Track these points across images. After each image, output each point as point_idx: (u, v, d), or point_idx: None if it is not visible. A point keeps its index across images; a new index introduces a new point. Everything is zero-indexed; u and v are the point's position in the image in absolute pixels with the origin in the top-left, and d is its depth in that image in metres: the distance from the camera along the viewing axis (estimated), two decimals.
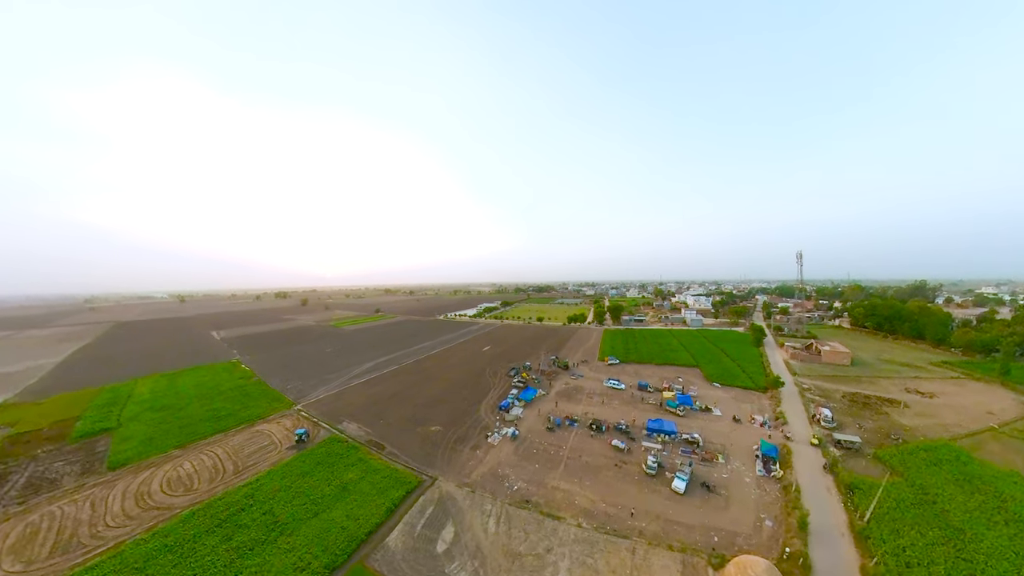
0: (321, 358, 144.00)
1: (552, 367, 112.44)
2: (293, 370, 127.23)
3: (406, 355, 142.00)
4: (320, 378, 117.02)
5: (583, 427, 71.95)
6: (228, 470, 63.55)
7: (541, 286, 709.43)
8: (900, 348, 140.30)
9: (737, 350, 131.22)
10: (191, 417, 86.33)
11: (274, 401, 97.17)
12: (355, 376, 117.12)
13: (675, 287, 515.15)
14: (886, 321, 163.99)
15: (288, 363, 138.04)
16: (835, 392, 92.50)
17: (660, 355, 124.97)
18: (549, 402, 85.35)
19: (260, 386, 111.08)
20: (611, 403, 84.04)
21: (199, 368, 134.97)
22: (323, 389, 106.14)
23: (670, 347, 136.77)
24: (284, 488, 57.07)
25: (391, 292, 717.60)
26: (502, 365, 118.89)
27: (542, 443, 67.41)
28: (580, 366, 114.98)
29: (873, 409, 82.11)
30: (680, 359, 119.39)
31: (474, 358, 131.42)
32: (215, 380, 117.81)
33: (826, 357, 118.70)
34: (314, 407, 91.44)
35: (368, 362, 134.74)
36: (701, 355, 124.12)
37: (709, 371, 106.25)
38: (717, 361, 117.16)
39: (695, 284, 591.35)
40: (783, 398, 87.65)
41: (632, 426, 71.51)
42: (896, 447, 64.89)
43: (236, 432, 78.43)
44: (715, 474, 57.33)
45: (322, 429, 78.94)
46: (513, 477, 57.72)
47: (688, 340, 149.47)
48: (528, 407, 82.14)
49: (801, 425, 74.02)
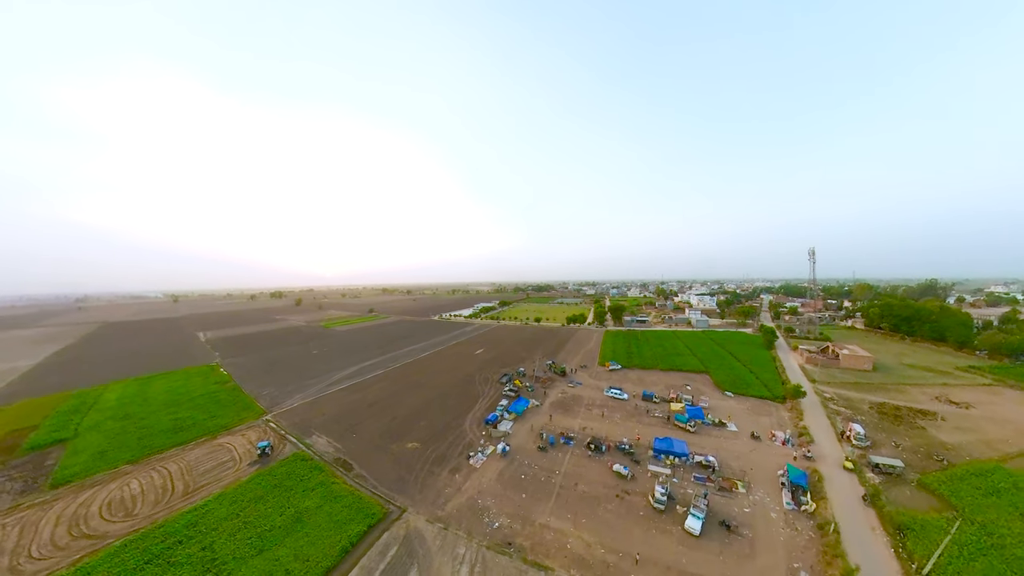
0: (304, 361, 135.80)
1: (548, 373, 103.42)
2: (272, 374, 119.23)
3: (394, 358, 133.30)
4: (299, 384, 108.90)
5: (580, 446, 62.85)
6: (177, 491, 56.39)
7: (541, 285, 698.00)
8: (921, 351, 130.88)
9: (747, 353, 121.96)
10: (152, 427, 79.35)
11: (244, 410, 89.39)
12: (335, 382, 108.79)
13: (677, 286, 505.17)
14: (904, 322, 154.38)
15: (269, 367, 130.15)
16: (861, 402, 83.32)
17: (665, 359, 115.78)
18: (542, 415, 76.23)
19: (234, 393, 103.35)
20: (612, 416, 74.90)
21: (175, 372, 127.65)
22: (299, 396, 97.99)
23: (675, 350, 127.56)
24: (232, 516, 49.66)
25: (388, 292, 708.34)
26: (494, 370, 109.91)
27: (532, 466, 58.39)
28: (578, 372, 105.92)
29: (906, 423, 73.06)
30: (687, 364, 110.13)
31: (465, 362, 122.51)
32: (188, 385, 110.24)
33: (845, 362, 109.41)
34: (286, 417, 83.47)
35: (352, 366, 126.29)
36: (709, 359, 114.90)
37: (720, 378, 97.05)
38: (727, 366, 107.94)
39: (697, 283, 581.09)
40: (804, 410, 78.51)
41: (636, 445, 62.37)
42: (943, 472, 55.85)
43: (196, 445, 71.34)
44: (735, 508, 48.25)
45: (288, 443, 70.91)
46: (495, 510, 48.76)
47: (694, 343, 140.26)
48: (519, 421, 73.06)
49: (829, 444, 64.87)
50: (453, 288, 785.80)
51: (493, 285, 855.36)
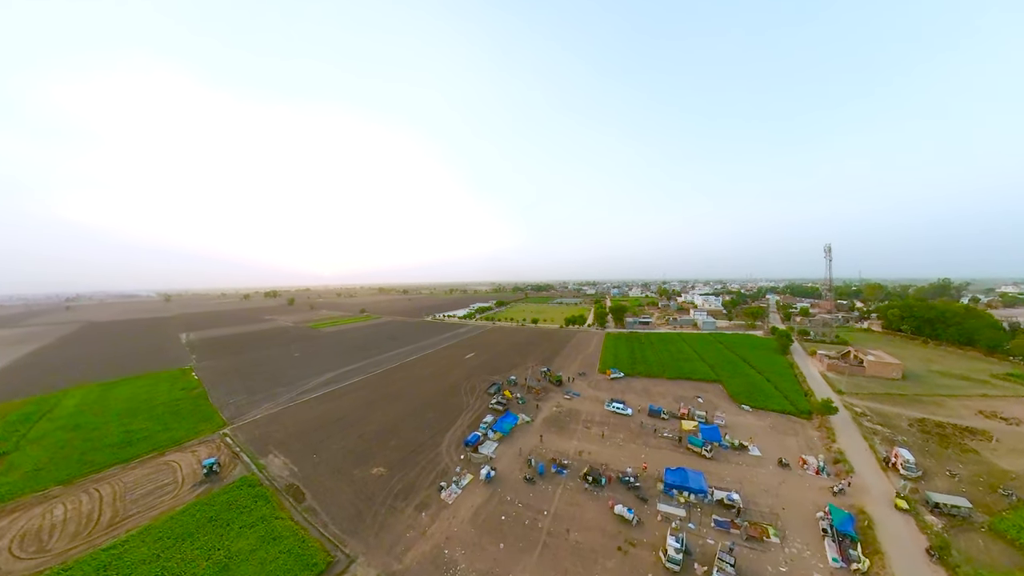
0: (282, 365, 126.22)
1: (542, 382, 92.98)
2: (245, 379, 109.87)
3: (376, 363, 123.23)
4: (269, 391, 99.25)
5: (575, 477, 52.44)
6: (103, 520, 47.69)
7: (540, 285, 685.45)
8: (949, 356, 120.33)
9: (761, 359, 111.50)
10: (100, 441, 70.86)
11: (203, 421, 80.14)
12: (309, 389, 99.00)
13: (679, 286, 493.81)
14: (926, 324, 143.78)
15: (244, 371, 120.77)
16: (897, 418, 72.90)
17: (672, 366, 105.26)
18: (533, 434, 65.73)
19: (198, 401, 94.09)
20: (614, 436, 64.41)
21: (144, 376, 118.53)
22: (267, 405, 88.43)
23: (683, 355, 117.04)
24: (151, 558, 40.84)
25: (385, 291, 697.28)
26: (483, 378, 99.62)
27: (515, 503, 48.07)
28: (576, 380, 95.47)
29: (955, 444, 62.78)
30: (697, 372, 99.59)
31: (452, 368, 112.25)
32: (153, 392, 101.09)
33: (871, 369, 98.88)
34: (246, 430, 74.21)
35: (332, 371, 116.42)
36: (721, 366, 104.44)
37: (734, 388, 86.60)
38: (741, 374, 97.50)
39: (700, 283, 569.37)
40: (835, 428, 68.16)
41: (643, 476, 52.00)
42: (1015, 512, 45.57)
43: (140, 463, 62.47)
44: (769, 566, 37.98)
45: (240, 464, 61.48)
46: (463, 566, 38.58)
47: (702, 346, 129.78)
48: (505, 442, 62.65)
49: (872, 473, 54.49)
50: (451, 288, 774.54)
51: (492, 285, 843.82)
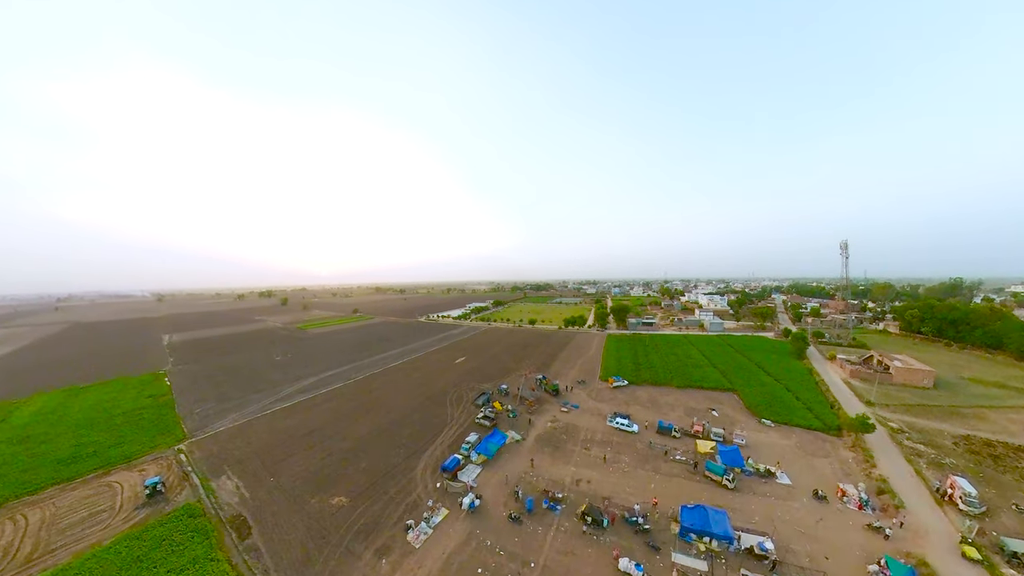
0: (261, 370, 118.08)
1: (537, 391, 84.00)
2: (219, 386, 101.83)
3: (360, 368, 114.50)
4: (241, 399, 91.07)
5: (571, 514, 43.58)
6: (20, 555, 40.79)
7: (539, 284, 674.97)
8: (977, 361, 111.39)
9: (776, 365, 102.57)
10: (46, 456, 63.69)
11: (162, 434, 72.14)
12: (284, 397, 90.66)
13: (681, 285, 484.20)
14: (949, 326, 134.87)
15: (220, 376, 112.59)
16: (939, 435, 64.08)
17: (681, 372, 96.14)
18: (523, 457, 56.75)
19: (162, 410, 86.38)
20: (618, 459, 55.46)
21: (112, 382, 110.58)
22: (235, 416, 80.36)
23: (691, 360, 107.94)
24: None
25: (382, 291, 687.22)
26: (472, 386, 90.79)
27: (496, 550, 39.20)
28: (575, 389, 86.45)
29: (1011, 468, 54.14)
30: (708, 379, 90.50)
31: (440, 374, 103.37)
32: (118, 399, 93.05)
33: (899, 376, 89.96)
34: (205, 445, 66.42)
35: (312, 376, 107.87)
36: (734, 373, 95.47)
37: (752, 399, 77.66)
38: (757, 382, 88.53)
39: (702, 282, 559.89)
40: (872, 447, 59.32)
41: (653, 515, 43.13)
42: None
43: (83, 483, 55.45)
44: None
45: (188, 486, 53.88)
46: None
47: (711, 350, 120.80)
48: (489, 467, 53.75)
49: (926, 508, 45.69)
50: (448, 287, 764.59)
51: (490, 284, 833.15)
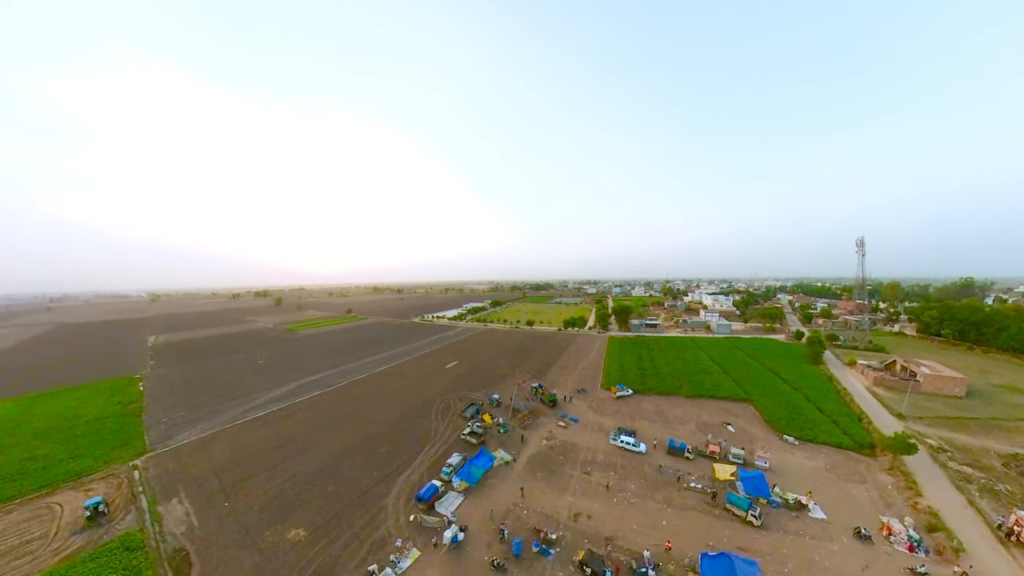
0: (241, 374, 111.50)
1: (532, 401, 76.38)
2: (194, 392, 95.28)
3: (344, 372, 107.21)
4: (214, 407, 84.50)
5: (566, 561, 36.06)
6: None
7: (539, 284, 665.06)
8: (1005, 366, 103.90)
9: (792, 371, 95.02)
10: None
11: (121, 446, 65.71)
12: (259, 405, 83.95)
13: (683, 285, 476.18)
14: (972, 328, 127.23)
15: (197, 380, 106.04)
16: (984, 454, 56.69)
17: (690, 380, 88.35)
18: (512, 482, 49.13)
19: (128, 419, 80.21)
20: (623, 487, 47.86)
21: (83, 388, 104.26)
22: (203, 426, 73.85)
23: (700, 365, 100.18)
24: None
25: (379, 290, 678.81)
26: (462, 394, 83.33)
27: None
28: (575, 399, 78.80)
29: None
30: (721, 388, 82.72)
31: (428, 381, 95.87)
32: (84, 407, 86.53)
33: (928, 384, 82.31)
34: (163, 461, 59.97)
35: (292, 382, 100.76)
36: (747, 380, 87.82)
37: (770, 411, 70.06)
38: (773, 390, 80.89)
39: (704, 282, 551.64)
40: (912, 471, 51.87)
41: (667, 563, 35.56)
42: None
43: (23, 502, 49.86)
44: None
45: (135, 509, 47.86)
46: None
47: (720, 354, 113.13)
48: (473, 496, 46.22)
49: (988, 549, 38.52)
50: (447, 287, 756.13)
51: (490, 284, 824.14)
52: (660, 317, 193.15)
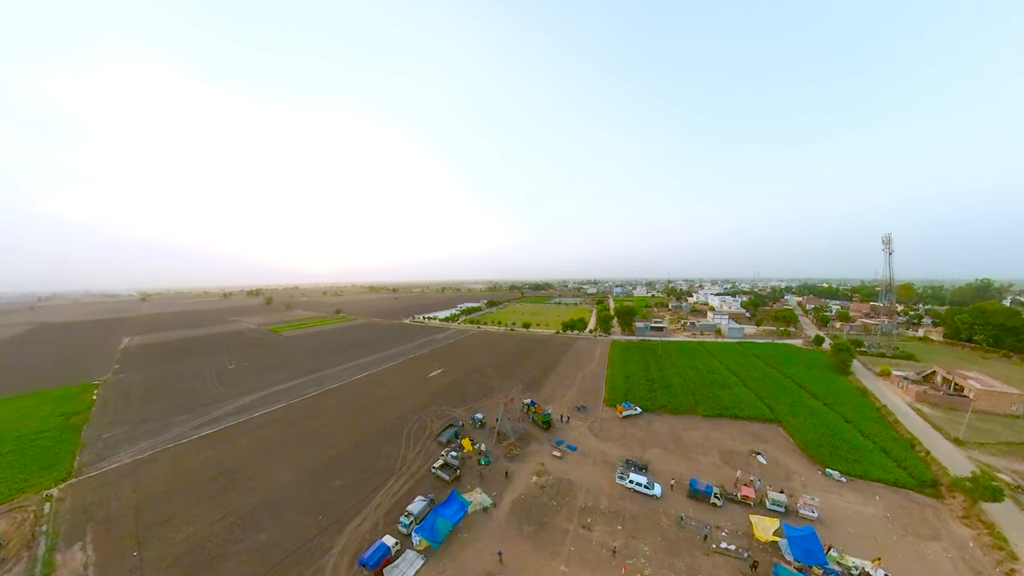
0: (207, 380, 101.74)
1: (523, 422, 65.44)
2: (148, 401, 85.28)
3: (318, 380, 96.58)
4: (165, 420, 74.48)
5: None
6: None
7: (538, 283, 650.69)
8: None
9: (819, 382, 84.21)
10: None
11: (44, 470, 56.14)
12: (214, 419, 74.22)
13: (685, 285, 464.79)
14: (1008, 333, 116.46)
15: (157, 388, 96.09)
16: None
17: (706, 394, 76.99)
18: (488, 539, 38.08)
19: (65, 434, 71.49)
20: (633, 550, 36.90)
21: (33, 395, 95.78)
22: (145, 444, 63.92)
23: (715, 376, 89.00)
24: None
25: (375, 289, 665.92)
26: (443, 410, 72.42)
27: None
28: (573, 419, 67.59)
29: None
30: (743, 404, 71.48)
31: (407, 392, 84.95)
32: (25, 418, 77.55)
33: (981, 400, 71.40)
34: (83, 490, 50.33)
35: (260, 391, 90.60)
36: (771, 394, 76.78)
37: (805, 435, 59.12)
38: (803, 407, 69.88)
39: (707, 282, 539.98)
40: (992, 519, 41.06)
41: None
42: None
43: None
44: None
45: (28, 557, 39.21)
46: None
47: (734, 361, 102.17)
48: (435, 559, 35.26)
49: None
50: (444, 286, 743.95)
51: (488, 283, 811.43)
52: (665, 319, 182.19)
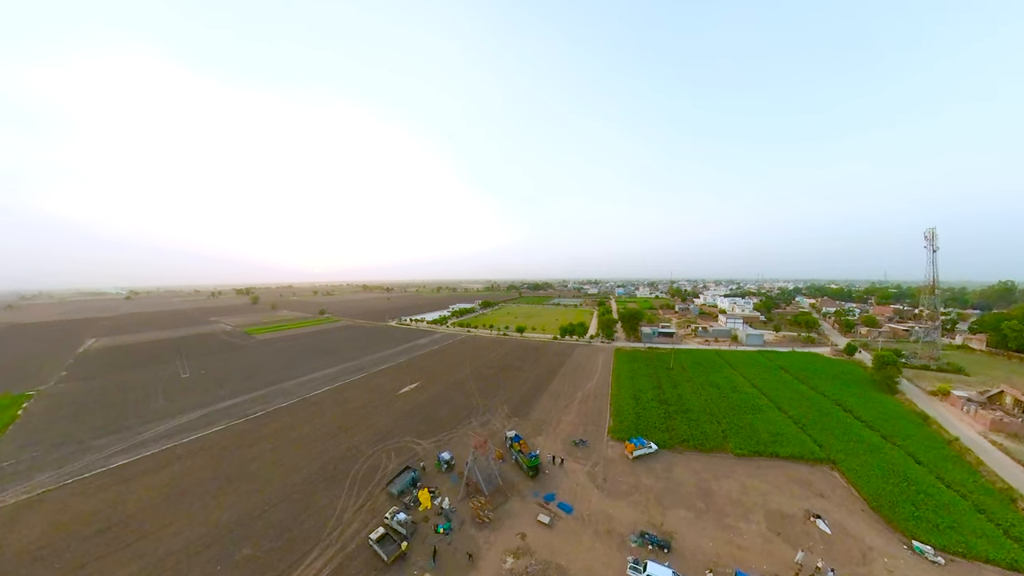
0: (151, 393, 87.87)
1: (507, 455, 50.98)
2: (78, 417, 72.15)
3: (272, 395, 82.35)
4: (85, 443, 61.49)
5: None
6: None
7: (537, 283, 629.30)
8: None
9: (863, 404, 69.77)
10: None
11: None
12: (134, 447, 61.68)
13: (689, 286, 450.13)
14: None
15: (95, 401, 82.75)
16: None
17: (735, 421, 61.80)
18: None
19: None
20: None
21: None
22: (46, 476, 51.46)
23: (741, 395, 73.70)
24: None
25: (369, 289, 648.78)
26: (404, 443, 57.81)
27: None
28: (570, 458, 52.86)
29: None
30: (783, 437, 56.37)
31: (370, 414, 70.34)
32: None
33: None
34: None
35: (202, 407, 76.87)
36: (812, 420, 62.06)
37: (871, 484, 44.47)
38: (859, 442, 55.05)
39: (711, 282, 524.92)
40: None
41: None
42: None
43: None
44: None
45: None
46: None
47: (759, 376, 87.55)
48: None
49: None
50: (440, 286, 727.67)
51: (487, 283, 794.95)
52: (673, 323, 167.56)
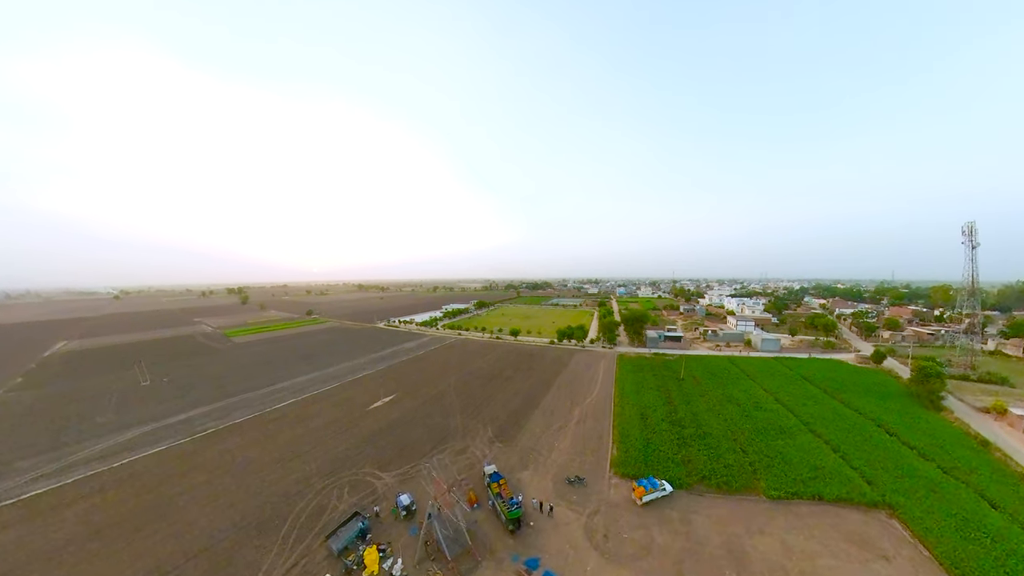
0: (102, 403, 79.17)
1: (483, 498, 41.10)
2: (15, 433, 65.02)
3: (230, 408, 72.64)
4: (10, 464, 53.80)
5: None
6: None
7: (536, 283, 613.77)
8: None
9: (908, 424, 59.74)
10: None
11: None
12: (60, 471, 53.30)
13: (693, 285, 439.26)
14: None
15: (38, 414, 74.19)
16: None
17: (762, 448, 51.68)
18: None
19: None
20: None
21: None
22: None
23: (767, 415, 63.38)
24: None
25: (363, 288, 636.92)
26: (360, 476, 47.83)
27: None
28: (562, 504, 42.66)
29: None
30: (824, 471, 45.95)
31: (328, 437, 59.99)
32: None
33: None
34: None
35: (150, 423, 68.07)
36: (853, 447, 51.91)
37: (941, 540, 34.31)
38: (914, 477, 45.04)
39: (715, 282, 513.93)
40: None
41: None
42: None
43: None
44: None
45: None
46: None
47: (782, 388, 77.26)
48: None
49: None
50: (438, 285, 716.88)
51: (485, 282, 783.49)
52: (679, 326, 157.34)
